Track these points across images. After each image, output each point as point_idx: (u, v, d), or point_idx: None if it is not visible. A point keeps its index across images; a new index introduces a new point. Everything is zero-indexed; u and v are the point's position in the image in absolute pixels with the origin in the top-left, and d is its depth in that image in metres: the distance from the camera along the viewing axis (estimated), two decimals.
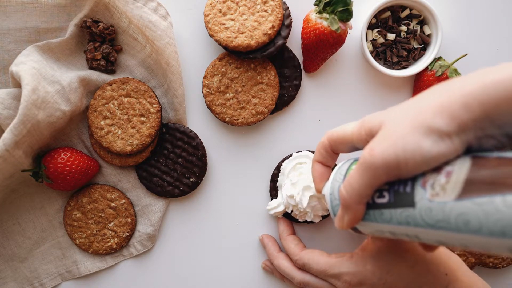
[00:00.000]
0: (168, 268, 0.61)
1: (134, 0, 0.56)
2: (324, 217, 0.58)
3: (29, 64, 0.51)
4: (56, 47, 0.56)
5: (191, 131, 0.59)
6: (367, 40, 0.57)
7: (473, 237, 0.30)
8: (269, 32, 0.54)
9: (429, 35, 0.57)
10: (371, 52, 0.57)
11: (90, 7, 0.57)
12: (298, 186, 0.54)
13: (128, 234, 0.60)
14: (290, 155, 0.59)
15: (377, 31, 0.57)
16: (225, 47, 0.56)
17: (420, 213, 0.33)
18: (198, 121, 0.61)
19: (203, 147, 0.59)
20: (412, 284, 0.44)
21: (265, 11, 0.55)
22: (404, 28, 0.57)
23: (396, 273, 0.44)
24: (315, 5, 0.54)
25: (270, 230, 0.61)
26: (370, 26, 0.57)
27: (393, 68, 0.58)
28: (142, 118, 0.57)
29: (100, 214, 0.59)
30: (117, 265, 0.61)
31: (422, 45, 0.57)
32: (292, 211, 0.57)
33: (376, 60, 0.57)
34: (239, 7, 0.55)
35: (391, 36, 0.57)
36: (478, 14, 0.59)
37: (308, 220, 0.56)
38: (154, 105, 0.57)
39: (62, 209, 0.60)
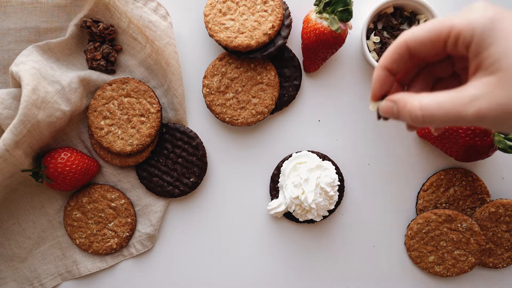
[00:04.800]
0: (168, 268, 0.61)
1: (134, 0, 0.56)
2: (325, 216, 0.58)
3: (29, 64, 0.51)
4: (56, 47, 0.56)
5: (191, 131, 0.59)
6: (367, 39, 0.57)
7: None
8: (269, 32, 0.54)
9: None
10: (371, 52, 0.57)
11: (90, 7, 0.57)
12: (308, 182, 0.54)
13: (128, 234, 0.60)
14: (290, 155, 0.59)
15: (378, 31, 0.57)
16: (225, 47, 0.56)
17: None
18: (198, 121, 0.61)
19: (203, 147, 0.59)
20: None
21: (265, 11, 0.55)
22: (405, 28, 0.57)
23: None
24: (315, 5, 0.54)
25: (270, 230, 0.61)
26: (371, 30, 0.57)
27: None
28: (142, 118, 0.57)
29: (100, 214, 0.59)
30: (117, 265, 0.61)
31: None
32: (294, 210, 0.57)
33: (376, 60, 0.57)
34: (239, 7, 0.55)
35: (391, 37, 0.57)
36: None
37: (309, 218, 0.56)
38: (154, 105, 0.57)
39: (62, 209, 0.60)
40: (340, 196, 0.59)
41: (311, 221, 0.59)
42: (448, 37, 0.30)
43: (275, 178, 0.60)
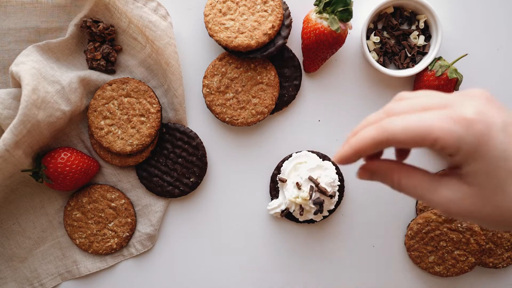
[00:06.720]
0: (168, 268, 0.61)
1: (134, 0, 0.56)
2: (325, 216, 0.58)
3: (29, 64, 0.51)
4: (56, 47, 0.56)
5: (191, 131, 0.59)
6: (367, 39, 0.57)
7: None
8: (269, 32, 0.54)
9: (429, 36, 0.57)
10: (371, 52, 0.57)
11: (90, 7, 0.57)
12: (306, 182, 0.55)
13: (128, 234, 0.60)
14: (290, 155, 0.59)
15: (378, 31, 0.57)
16: (225, 47, 0.56)
17: None
18: (198, 121, 0.61)
19: (203, 147, 0.59)
20: None
21: (265, 11, 0.55)
22: (405, 27, 0.57)
23: None
24: (315, 5, 0.54)
25: (270, 230, 0.61)
26: (371, 30, 0.57)
27: (402, 67, 0.58)
28: (142, 118, 0.57)
29: (100, 214, 0.59)
30: (117, 265, 0.61)
31: (423, 45, 0.57)
32: (294, 210, 0.57)
33: (383, 60, 0.57)
34: (239, 7, 0.55)
35: (391, 38, 0.57)
36: (478, 14, 0.59)
37: (309, 218, 0.56)
38: (154, 105, 0.57)
39: (62, 209, 0.60)
40: (340, 196, 0.59)
41: (311, 221, 0.59)
42: (432, 145, 0.30)
43: (275, 178, 0.60)
